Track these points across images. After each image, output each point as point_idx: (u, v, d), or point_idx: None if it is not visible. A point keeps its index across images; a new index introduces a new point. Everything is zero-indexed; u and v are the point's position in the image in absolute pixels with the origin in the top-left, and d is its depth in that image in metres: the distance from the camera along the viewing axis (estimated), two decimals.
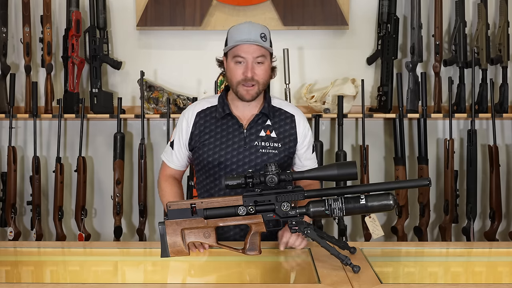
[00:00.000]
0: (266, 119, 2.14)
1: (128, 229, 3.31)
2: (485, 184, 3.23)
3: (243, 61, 2.05)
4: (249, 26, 2.07)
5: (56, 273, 1.91)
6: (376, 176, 3.23)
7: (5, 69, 3.13)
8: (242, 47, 2.05)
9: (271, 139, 2.12)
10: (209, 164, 2.11)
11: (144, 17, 3.16)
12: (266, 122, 2.14)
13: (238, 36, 2.06)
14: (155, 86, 3.17)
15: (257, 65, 2.06)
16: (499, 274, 1.91)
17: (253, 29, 2.06)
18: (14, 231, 3.11)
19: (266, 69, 2.08)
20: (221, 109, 2.14)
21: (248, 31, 2.06)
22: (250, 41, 2.03)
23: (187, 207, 1.80)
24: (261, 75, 2.07)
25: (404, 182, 2.44)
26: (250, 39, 2.04)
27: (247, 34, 2.05)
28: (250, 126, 2.12)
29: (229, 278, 1.82)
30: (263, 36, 2.06)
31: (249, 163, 2.08)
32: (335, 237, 1.94)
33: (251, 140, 2.10)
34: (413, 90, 3.13)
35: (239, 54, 2.05)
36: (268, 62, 2.10)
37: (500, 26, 3.14)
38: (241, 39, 2.04)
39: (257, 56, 2.05)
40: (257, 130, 2.12)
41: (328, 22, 3.17)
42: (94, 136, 3.32)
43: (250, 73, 2.04)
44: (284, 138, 2.13)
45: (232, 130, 2.12)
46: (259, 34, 2.05)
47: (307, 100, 3.16)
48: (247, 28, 2.07)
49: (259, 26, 2.10)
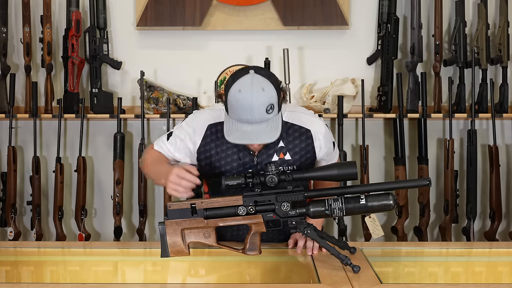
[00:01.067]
0: (278, 140, 1.94)
1: (128, 229, 3.31)
2: (485, 184, 3.23)
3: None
4: (252, 102, 1.75)
5: (56, 273, 1.91)
6: (376, 176, 3.23)
7: (5, 69, 3.13)
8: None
9: (285, 162, 1.95)
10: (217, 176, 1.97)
11: (144, 17, 3.16)
12: (279, 144, 1.95)
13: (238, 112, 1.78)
14: (155, 86, 3.17)
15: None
16: (499, 274, 1.91)
17: (256, 105, 1.75)
18: (14, 231, 3.10)
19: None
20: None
21: (251, 109, 1.75)
22: (254, 123, 1.77)
23: (187, 207, 1.80)
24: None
25: (404, 182, 2.45)
26: (255, 119, 1.76)
27: (250, 114, 1.76)
28: (261, 153, 1.94)
29: (229, 278, 1.82)
30: (270, 108, 1.77)
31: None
32: (335, 237, 1.94)
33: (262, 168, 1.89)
34: (413, 90, 3.13)
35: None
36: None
37: (500, 26, 3.14)
38: (242, 117, 1.77)
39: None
40: (269, 155, 1.94)
41: (328, 22, 3.17)
42: (94, 136, 3.31)
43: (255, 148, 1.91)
44: (300, 158, 1.96)
45: (243, 155, 1.95)
46: (264, 109, 1.76)
47: (307, 100, 3.16)
48: (250, 104, 1.75)
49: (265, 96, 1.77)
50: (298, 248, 1.95)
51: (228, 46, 3.23)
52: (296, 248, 1.96)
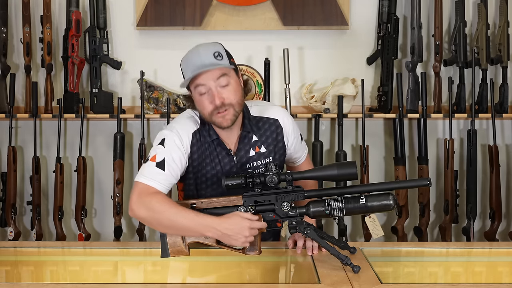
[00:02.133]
0: (251, 135, 2.00)
1: (128, 229, 3.31)
2: (485, 184, 3.23)
3: (206, 90, 1.88)
4: (198, 50, 1.91)
5: (56, 273, 1.91)
6: (376, 176, 3.23)
7: (5, 69, 3.13)
8: (199, 76, 1.88)
9: (262, 155, 2.00)
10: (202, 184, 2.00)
11: (144, 17, 3.16)
12: (253, 139, 2.00)
13: (191, 64, 1.90)
14: (155, 86, 3.17)
15: (222, 89, 1.88)
16: (499, 274, 1.91)
17: (204, 52, 1.89)
18: (14, 231, 3.10)
19: (234, 88, 1.90)
20: (206, 133, 1.98)
21: (198, 55, 1.89)
22: (205, 67, 1.86)
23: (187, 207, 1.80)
24: (231, 97, 1.88)
25: (404, 182, 2.44)
26: (204, 63, 1.86)
27: (199, 59, 1.88)
28: (238, 150, 1.99)
29: (229, 278, 1.82)
30: (218, 55, 1.89)
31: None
32: (335, 237, 1.94)
33: (242, 164, 1.98)
34: (413, 90, 3.13)
35: (199, 83, 1.88)
36: (234, 79, 1.92)
37: (500, 26, 3.14)
38: (194, 66, 1.87)
39: (218, 78, 1.87)
40: (246, 151, 2.00)
41: (328, 22, 3.17)
42: (94, 136, 3.32)
43: (218, 100, 1.86)
44: (274, 148, 2.03)
45: (222, 157, 1.98)
46: (211, 54, 1.88)
47: (307, 100, 3.16)
48: (197, 53, 1.90)
49: (210, 45, 1.92)
50: (298, 248, 1.95)
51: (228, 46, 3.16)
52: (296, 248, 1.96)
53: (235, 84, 1.91)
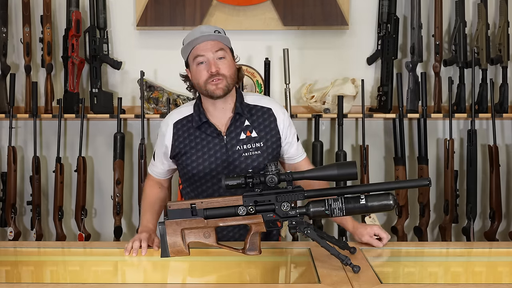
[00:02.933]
0: (243, 119, 2.08)
1: (128, 229, 3.31)
2: (485, 184, 3.23)
3: (205, 60, 2.02)
4: (200, 26, 2.08)
5: (56, 273, 1.91)
6: (376, 176, 3.23)
7: (5, 69, 3.13)
8: (199, 46, 2.02)
9: (253, 139, 2.07)
10: (194, 176, 2.09)
11: (144, 17, 3.16)
12: (245, 123, 2.08)
13: (191, 36, 2.04)
14: (155, 86, 3.17)
15: (219, 60, 2.02)
16: (499, 274, 1.91)
17: (204, 27, 2.06)
18: (14, 231, 3.11)
19: (229, 64, 2.04)
20: (197, 118, 2.08)
21: (200, 29, 2.05)
22: (205, 35, 2.01)
23: (187, 207, 1.80)
24: (226, 69, 2.02)
25: (404, 182, 2.44)
26: (203, 32, 2.02)
27: (199, 32, 2.03)
28: (229, 131, 2.06)
29: (229, 278, 1.82)
30: (218, 32, 2.05)
31: (234, 169, 2.05)
32: (335, 237, 1.94)
33: (233, 146, 2.06)
34: (413, 90, 3.13)
35: (198, 54, 2.02)
36: (230, 57, 2.06)
37: (500, 26, 3.14)
38: (195, 37, 2.02)
39: (217, 51, 2.02)
40: (237, 134, 2.07)
41: (328, 22, 3.17)
42: (94, 136, 3.32)
43: (214, 67, 2.00)
44: (266, 135, 2.08)
45: (211, 139, 2.07)
46: (212, 30, 2.04)
47: (307, 100, 3.16)
48: (199, 28, 2.07)
49: (212, 26, 2.10)
50: (384, 239, 2.00)
51: None
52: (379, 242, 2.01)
53: (230, 61, 2.06)
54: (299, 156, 2.17)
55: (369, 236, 2.01)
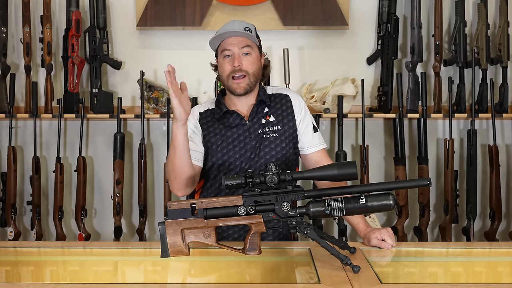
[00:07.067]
0: (264, 106, 2.17)
1: (128, 229, 3.31)
2: (485, 184, 3.23)
3: (230, 54, 2.09)
4: (233, 21, 2.13)
5: (56, 273, 1.91)
6: (376, 176, 3.23)
7: (5, 69, 3.13)
8: (227, 40, 2.09)
9: (270, 123, 2.15)
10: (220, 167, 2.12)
11: (144, 17, 3.16)
12: (265, 110, 2.17)
13: (223, 30, 2.11)
14: (155, 86, 3.17)
15: (244, 56, 2.09)
16: (499, 274, 1.91)
17: (237, 23, 2.11)
18: (14, 231, 3.11)
19: (254, 60, 2.10)
20: (218, 110, 2.16)
21: (232, 25, 2.11)
22: (234, 31, 2.07)
23: (187, 207, 1.80)
24: (249, 65, 2.09)
25: (404, 182, 2.43)
26: (234, 29, 2.08)
27: (231, 27, 2.09)
28: (252, 117, 2.14)
29: (229, 278, 1.82)
30: (248, 30, 2.10)
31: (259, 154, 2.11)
32: (335, 237, 1.93)
33: (255, 130, 2.13)
34: (413, 90, 3.13)
35: (225, 48, 2.10)
36: (256, 54, 2.12)
37: (500, 26, 3.14)
38: (225, 30, 2.09)
39: (243, 47, 2.08)
40: (259, 119, 2.15)
41: (328, 22, 3.17)
42: (94, 136, 3.32)
43: (237, 62, 2.07)
44: (282, 119, 2.16)
45: (234, 126, 2.14)
46: (243, 28, 2.09)
47: (307, 100, 3.16)
48: (231, 23, 2.12)
49: (244, 22, 2.14)
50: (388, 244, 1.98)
51: None
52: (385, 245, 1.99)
53: (256, 58, 2.12)
54: (313, 146, 2.19)
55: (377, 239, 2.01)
